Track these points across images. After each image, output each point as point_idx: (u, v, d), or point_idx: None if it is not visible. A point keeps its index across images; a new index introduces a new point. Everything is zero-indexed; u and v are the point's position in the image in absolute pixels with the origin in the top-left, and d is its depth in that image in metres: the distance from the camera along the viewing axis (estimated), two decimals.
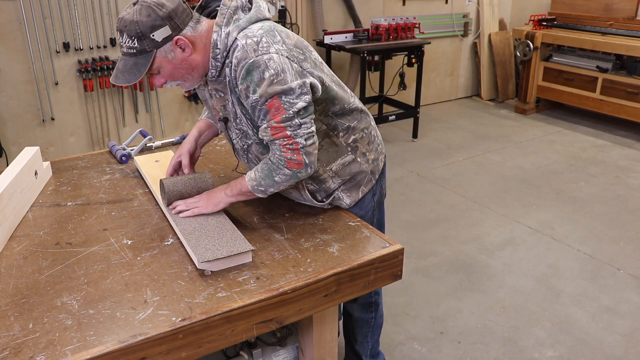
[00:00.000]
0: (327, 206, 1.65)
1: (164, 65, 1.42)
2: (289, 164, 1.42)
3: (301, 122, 1.38)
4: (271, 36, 1.39)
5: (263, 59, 1.35)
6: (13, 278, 1.31)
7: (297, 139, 1.39)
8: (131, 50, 1.38)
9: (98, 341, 1.09)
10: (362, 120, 1.64)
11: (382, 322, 2.00)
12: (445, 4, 5.78)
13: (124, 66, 1.40)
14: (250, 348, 1.65)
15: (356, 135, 1.62)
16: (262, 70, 1.34)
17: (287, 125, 1.38)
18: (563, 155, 4.59)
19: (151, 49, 1.37)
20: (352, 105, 1.61)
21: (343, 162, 1.60)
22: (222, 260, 1.33)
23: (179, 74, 1.45)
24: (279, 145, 1.41)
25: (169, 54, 1.40)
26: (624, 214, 3.53)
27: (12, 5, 3.53)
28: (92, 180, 1.87)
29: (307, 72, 1.42)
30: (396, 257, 1.45)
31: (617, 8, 5.33)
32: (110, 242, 1.47)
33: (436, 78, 6.09)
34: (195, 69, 1.45)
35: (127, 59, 1.39)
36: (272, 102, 1.36)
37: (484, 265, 2.94)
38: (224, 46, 1.41)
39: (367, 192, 1.68)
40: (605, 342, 2.36)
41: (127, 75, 1.39)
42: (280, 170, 1.44)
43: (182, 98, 4.40)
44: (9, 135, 3.78)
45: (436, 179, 4.09)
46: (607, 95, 5.05)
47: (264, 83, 1.35)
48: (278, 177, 1.45)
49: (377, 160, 1.70)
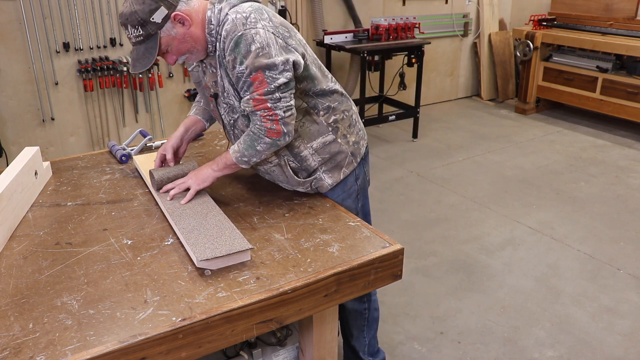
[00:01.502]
0: (309, 188, 1.72)
1: (171, 43, 1.53)
2: (269, 133, 1.53)
3: (281, 96, 1.50)
4: (259, 13, 1.50)
5: (250, 32, 1.45)
6: (13, 278, 1.31)
7: (276, 110, 1.50)
8: (139, 38, 1.50)
9: (98, 341, 1.09)
10: (342, 103, 1.72)
11: (378, 317, 2.02)
12: (445, 4, 5.78)
13: (137, 54, 1.53)
14: (250, 348, 1.65)
15: (337, 116, 1.70)
16: (249, 43, 1.45)
17: (268, 98, 1.49)
18: (563, 155, 4.59)
19: (155, 31, 1.49)
20: (332, 88, 1.69)
21: (324, 141, 1.68)
22: (220, 258, 1.33)
23: (185, 47, 1.55)
24: (260, 116, 1.52)
25: (171, 31, 1.51)
26: (624, 214, 3.53)
27: (12, 5, 3.53)
28: (92, 180, 1.87)
29: (291, 48, 1.53)
30: (396, 257, 1.45)
31: (617, 8, 5.33)
32: (110, 242, 1.47)
33: (436, 78, 6.09)
34: (198, 41, 1.55)
35: (138, 47, 1.52)
36: (256, 76, 1.47)
37: (484, 265, 2.94)
38: (217, 21, 1.53)
39: (349, 173, 1.74)
40: (605, 342, 2.36)
41: (142, 61, 1.52)
42: (261, 139, 1.55)
43: (182, 98, 4.40)
44: (9, 135, 3.78)
45: (436, 179, 4.09)
46: (607, 95, 5.05)
47: (250, 55, 1.46)
48: (259, 146, 1.56)
49: (358, 144, 1.77)
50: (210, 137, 2.30)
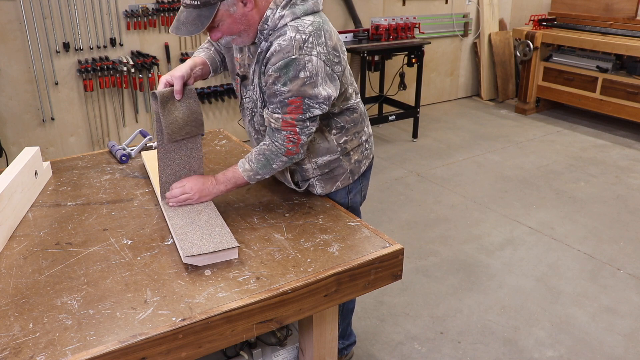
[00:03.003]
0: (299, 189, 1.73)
1: (225, 19, 1.44)
2: (288, 152, 1.54)
3: (310, 125, 1.52)
4: (317, 36, 1.45)
5: (304, 59, 1.43)
6: (13, 278, 1.31)
7: (301, 135, 1.52)
8: (195, 1, 1.39)
9: (98, 341, 1.09)
10: (357, 125, 1.72)
11: (353, 308, 2.06)
12: (445, 4, 5.78)
13: (186, 18, 1.42)
14: (250, 348, 1.65)
15: (347, 137, 1.70)
16: (299, 69, 1.43)
17: (298, 124, 1.50)
18: (563, 155, 4.59)
19: (215, 1, 1.40)
20: (352, 106, 1.67)
21: (330, 160, 1.69)
22: (207, 255, 1.34)
23: (237, 29, 1.47)
24: (284, 136, 1.52)
25: (231, 7, 1.42)
26: (624, 214, 3.53)
27: (12, 5, 3.53)
28: (92, 180, 1.87)
29: (336, 76, 1.52)
30: (396, 257, 1.45)
31: (617, 8, 5.33)
32: (110, 242, 1.47)
33: (436, 78, 6.09)
34: (252, 26, 1.48)
35: (189, 10, 1.41)
36: (294, 100, 1.46)
37: (484, 265, 2.94)
38: (273, 25, 1.47)
39: (341, 187, 1.75)
40: (605, 342, 2.36)
41: (189, 27, 1.41)
42: (279, 157, 1.55)
43: None
44: (9, 135, 3.78)
45: (436, 179, 4.09)
46: (607, 95, 5.05)
47: (297, 81, 1.44)
48: (276, 164, 1.57)
49: (360, 162, 1.77)
50: (210, 137, 2.30)
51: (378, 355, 2.29)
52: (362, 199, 1.87)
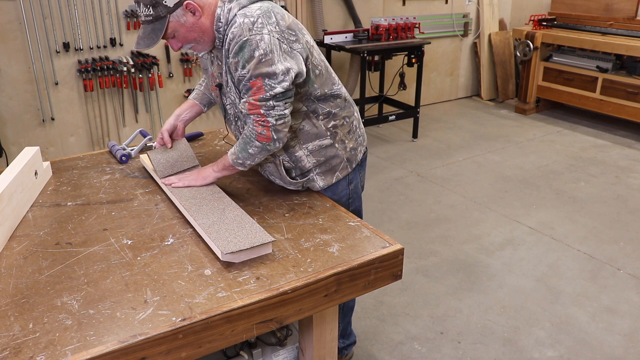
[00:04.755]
0: (300, 187, 1.75)
1: (178, 29, 1.56)
2: (259, 137, 1.57)
3: (275, 104, 1.53)
4: (267, 17, 1.51)
5: (255, 38, 1.48)
6: (13, 278, 1.31)
7: (268, 117, 1.54)
8: (148, 17, 1.53)
9: (98, 341, 1.09)
10: (344, 109, 1.75)
11: (354, 305, 2.09)
12: (445, 4, 5.78)
13: (143, 33, 1.56)
14: (250, 348, 1.65)
15: (336, 122, 1.72)
16: (252, 48, 1.48)
17: (262, 105, 1.53)
18: (563, 155, 4.59)
19: (165, 15, 1.52)
20: (335, 92, 1.71)
21: (320, 144, 1.71)
22: (244, 251, 1.35)
23: (192, 37, 1.58)
24: (253, 120, 1.56)
25: (181, 17, 1.54)
26: (624, 214, 3.53)
27: (12, 5, 3.53)
28: (92, 180, 1.87)
29: (296, 52, 1.55)
30: (396, 257, 1.45)
31: (617, 8, 5.34)
32: (110, 242, 1.47)
33: (436, 78, 6.09)
34: (206, 33, 1.58)
35: (145, 26, 1.55)
36: (255, 82, 1.51)
37: (484, 265, 2.94)
38: (225, 20, 1.56)
39: (341, 178, 1.77)
40: (605, 342, 2.36)
41: (146, 41, 1.55)
42: (252, 142, 1.59)
43: (182, 98, 4.40)
44: (9, 135, 3.78)
45: (436, 179, 4.09)
46: (607, 95, 5.05)
47: (253, 61, 1.49)
48: (251, 149, 1.61)
49: (356, 150, 1.80)
50: (210, 137, 2.30)
51: (378, 355, 2.29)
52: (362, 188, 1.92)
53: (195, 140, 2.26)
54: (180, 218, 1.60)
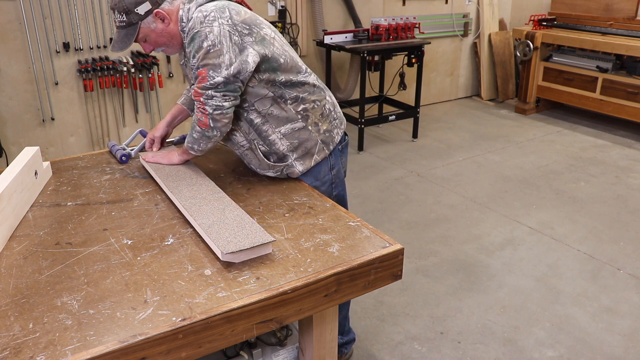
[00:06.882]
0: (280, 174, 1.82)
1: (149, 34, 1.71)
2: (199, 122, 1.68)
3: (213, 95, 1.61)
4: (220, 12, 1.62)
5: (205, 30, 1.59)
6: (13, 278, 1.31)
7: (206, 106, 1.63)
8: (122, 23, 1.69)
9: (98, 341, 1.09)
10: (314, 94, 1.80)
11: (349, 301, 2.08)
12: (445, 4, 5.78)
13: (117, 37, 1.71)
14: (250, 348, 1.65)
15: (306, 105, 1.78)
16: (202, 39, 1.59)
17: (202, 93, 1.63)
18: (563, 155, 4.59)
19: (136, 22, 1.68)
20: (301, 79, 1.76)
21: (292, 127, 1.77)
22: (244, 251, 1.35)
23: (162, 41, 1.74)
24: (196, 106, 1.67)
25: (151, 24, 1.69)
26: (624, 214, 3.53)
27: (12, 5, 3.53)
28: (92, 180, 1.87)
29: (247, 45, 1.63)
30: (396, 257, 1.45)
31: (617, 8, 5.34)
32: (110, 242, 1.47)
33: (436, 78, 6.09)
34: (175, 37, 1.73)
35: (120, 30, 1.71)
36: (201, 71, 1.61)
37: (484, 265, 2.94)
38: (186, 19, 1.68)
39: (320, 161, 1.83)
40: (605, 342, 2.36)
41: (120, 44, 1.70)
42: (195, 127, 1.71)
43: None
44: (9, 135, 3.78)
45: (436, 179, 4.09)
46: (607, 95, 5.05)
47: (202, 51, 1.59)
48: (195, 134, 1.72)
49: (331, 132, 1.85)
50: None
51: (378, 355, 2.29)
52: (344, 174, 1.99)
53: None
54: (180, 218, 1.60)
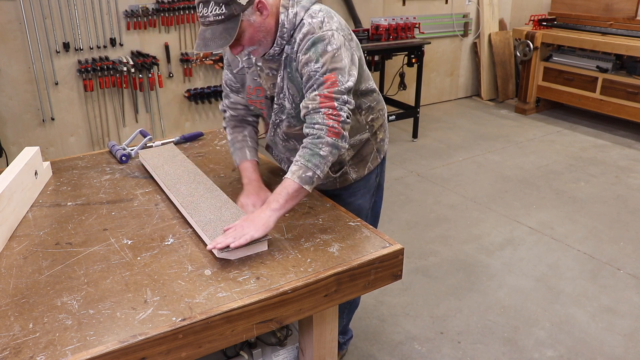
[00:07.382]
0: (333, 185, 1.80)
1: (247, 29, 1.50)
2: (330, 131, 1.47)
3: (347, 100, 1.52)
4: (330, 17, 1.57)
5: (327, 34, 1.51)
6: (13, 278, 1.31)
7: (340, 112, 1.49)
8: (219, 17, 1.44)
9: (98, 341, 1.09)
10: (379, 102, 1.82)
11: (359, 303, 2.17)
12: (445, 4, 5.78)
13: (212, 34, 1.46)
14: (250, 348, 1.65)
15: (374, 115, 1.79)
16: (326, 43, 1.50)
17: (336, 98, 1.49)
18: (563, 155, 4.59)
19: (238, 13, 1.45)
20: (371, 87, 1.76)
21: (360, 138, 1.76)
22: (240, 248, 1.36)
23: (257, 37, 1.53)
24: (323, 113, 1.48)
25: (250, 17, 1.48)
26: (624, 214, 3.53)
27: (12, 5, 3.53)
28: (92, 180, 1.87)
29: (353, 51, 1.59)
30: (396, 257, 1.45)
31: (617, 8, 5.33)
32: (110, 242, 1.47)
33: (436, 78, 6.09)
34: (270, 33, 1.55)
35: (214, 26, 1.46)
36: (329, 76, 1.49)
37: (484, 265, 2.94)
38: (291, 25, 1.55)
39: (372, 169, 1.83)
40: (605, 342, 2.36)
41: (218, 41, 1.45)
42: (323, 139, 1.47)
43: (182, 98, 4.40)
44: (9, 135, 3.78)
45: (436, 179, 4.09)
46: (607, 95, 5.05)
47: (327, 55, 1.50)
48: (323, 151, 1.47)
49: (384, 141, 1.87)
50: (210, 137, 2.30)
51: (378, 355, 2.29)
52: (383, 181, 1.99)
53: (195, 140, 2.26)
54: (180, 218, 1.60)
